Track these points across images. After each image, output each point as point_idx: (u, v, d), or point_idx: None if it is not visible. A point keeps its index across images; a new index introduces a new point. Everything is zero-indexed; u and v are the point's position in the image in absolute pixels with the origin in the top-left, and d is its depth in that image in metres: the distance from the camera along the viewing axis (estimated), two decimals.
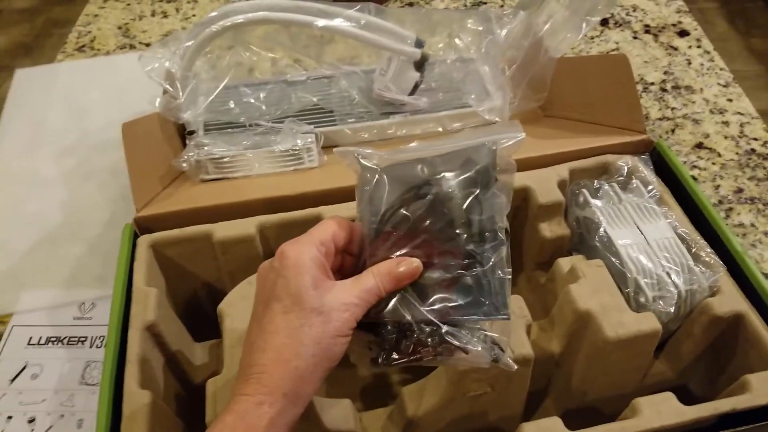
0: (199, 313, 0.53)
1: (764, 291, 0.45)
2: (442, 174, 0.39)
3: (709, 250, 0.48)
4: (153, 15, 0.95)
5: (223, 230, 0.50)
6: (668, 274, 0.46)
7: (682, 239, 0.48)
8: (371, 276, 0.37)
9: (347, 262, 0.40)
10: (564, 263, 0.49)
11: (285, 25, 0.68)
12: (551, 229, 0.52)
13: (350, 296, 0.36)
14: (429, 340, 0.36)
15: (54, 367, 0.57)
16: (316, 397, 0.43)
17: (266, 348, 0.35)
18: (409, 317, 0.36)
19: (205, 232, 0.50)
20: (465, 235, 0.38)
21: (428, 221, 0.38)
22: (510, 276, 0.38)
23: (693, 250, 0.48)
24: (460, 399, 0.42)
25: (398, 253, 0.38)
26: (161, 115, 0.60)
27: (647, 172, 0.53)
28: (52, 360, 0.58)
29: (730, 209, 0.67)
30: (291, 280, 0.35)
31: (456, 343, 0.36)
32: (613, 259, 0.47)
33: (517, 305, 0.44)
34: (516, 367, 0.37)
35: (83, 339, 0.59)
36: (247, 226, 0.50)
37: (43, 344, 0.59)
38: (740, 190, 0.69)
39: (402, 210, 0.39)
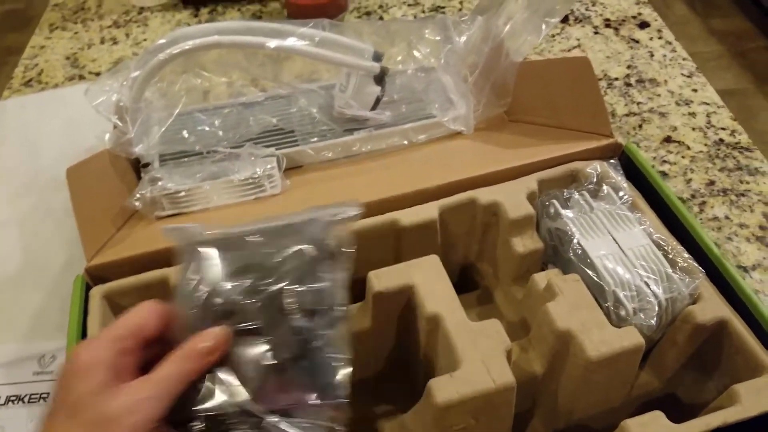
0: None
1: (745, 294, 0.44)
2: (273, 249, 0.36)
3: (686, 255, 0.46)
4: (102, 42, 0.91)
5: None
6: (647, 284, 0.44)
7: (658, 246, 0.47)
8: (170, 361, 0.33)
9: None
10: (540, 279, 0.47)
11: (237, 48, 0.66)
12: (524, 243, 0.50)
13: (143, 392, 0.32)
14: None
15: (16, 428, 0.54)
16: None
17: None
18: (224, 407, 0.32)
19: (163, 277, 0.47)
20: (295, 313, 0.34)
21: (254, 299, 0.35)
22: (347, 356, 0.34)
23: (670, 256, 0.46)
24: None
25: None
26: (111, 151, 0.57)
27: (617, 178, 0.52)
28: (13, 420, 0.55)
29: (704, 203, 0.66)
30: (72, 388, 0.32)
31: None
32: (590, 272, 0.46)
33: (494, 329, 0.43)
34: None
35: (45, 395, 0.56)
36: None
37: (3, 404, 0.55)
38: (712, 183, 0.68)
39: (225, 287, 0.35)
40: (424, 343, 0.46)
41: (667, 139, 0.73)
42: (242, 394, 0.33)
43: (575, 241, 0.47)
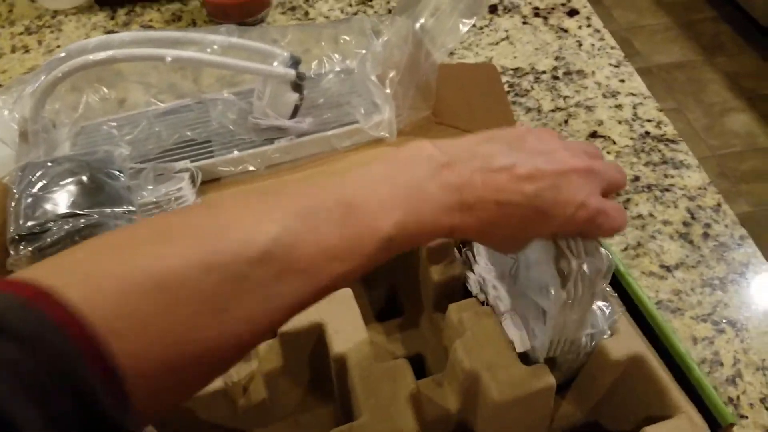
0: None
1: (659, 327, 0.42)
2: None
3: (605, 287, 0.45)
4: (13, 51, 0.86)
5: None
6: None
7: None
8: None
9: None
10: (453, 311, 0.45)
11: (137, 61, 0.62)
12: (443, 271, 0.48)
13: None
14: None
15: None
16: None
17: None
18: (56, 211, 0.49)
19: None
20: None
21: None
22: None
23: None
24: None
25: None
26: (6, 184, 0.54)
27: None
28: None
29: (628, 200, 0.65)
30: None
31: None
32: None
33: (401, 372, 0.41)
34: None
35: None
36: None
37: None
38: (637, 179, 0.67)
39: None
40: (336, 381, 0.45)
41: (593, 134, 0.72)
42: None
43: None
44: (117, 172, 0.55)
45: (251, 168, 0.67)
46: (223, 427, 0.47)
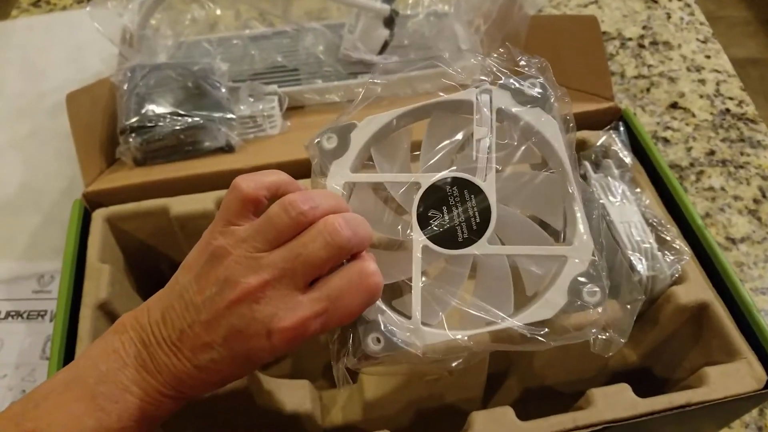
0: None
1: (730, 279, 0.44)
2: None
3: (675, 235, 0.46)
4: None
5: (180, 205, 0.48)
6: (630, 259, 0.45)
7: (649, 223, 0.47)
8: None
9: None
10: None
11: None
12: None
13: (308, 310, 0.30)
14: None
15: (14, 342, 0.57)
16: (273, 379, 0.43)
17: None
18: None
19: (162, 206, 0.48)
20: None
21: None
22: None
23: (661, 235, 0.46)
24: (417, 382, 0.42)
25: None
26: (113, 81, 0.57)
27: (624, 152, 0.51)
28: (13, 335, 0.57)
29: (701, 172, 0.66)
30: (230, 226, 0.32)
31: None
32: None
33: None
34: None
35: (43, 313, 0.58)
36: (205, 201, 0.48)
37: (3, 318, 0.58)
38: (712, 152, 0.68)
39: None
40: None
41: (674, 105, 0.72)
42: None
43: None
44: (217, 83, 0.58)
45: (336, 99, 0.69)
46: None
